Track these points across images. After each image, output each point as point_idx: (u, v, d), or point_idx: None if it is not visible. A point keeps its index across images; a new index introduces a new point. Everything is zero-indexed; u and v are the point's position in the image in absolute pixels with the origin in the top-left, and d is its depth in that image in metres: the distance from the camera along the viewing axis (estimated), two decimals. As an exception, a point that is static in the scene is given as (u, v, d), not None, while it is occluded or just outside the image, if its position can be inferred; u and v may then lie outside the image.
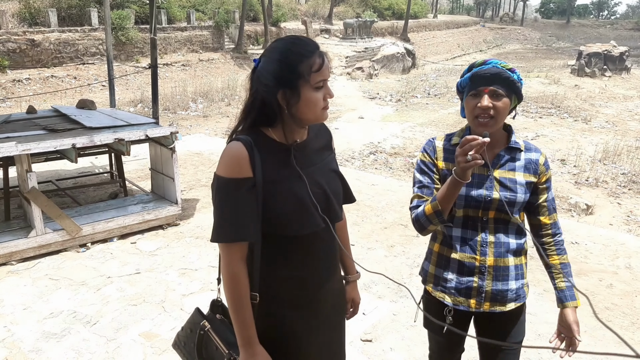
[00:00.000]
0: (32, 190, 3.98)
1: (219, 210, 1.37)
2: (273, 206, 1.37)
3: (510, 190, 1.68)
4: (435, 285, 1.80)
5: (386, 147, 10.02)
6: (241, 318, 1.38)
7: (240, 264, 1.39)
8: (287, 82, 1.34)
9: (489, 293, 1.71)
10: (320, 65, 1.35)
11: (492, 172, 1.69)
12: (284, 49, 1.37)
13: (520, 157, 1.72)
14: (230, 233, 1.36)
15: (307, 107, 1.36)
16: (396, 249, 4.36)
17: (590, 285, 3.82)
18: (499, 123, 1.65)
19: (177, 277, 3.79)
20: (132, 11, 17.69)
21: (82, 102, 5.54)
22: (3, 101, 12.32)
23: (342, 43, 24.93)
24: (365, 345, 3.03)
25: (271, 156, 1.39)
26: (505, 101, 1.62)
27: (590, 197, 7.64)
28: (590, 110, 14.84)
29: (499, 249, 1.70)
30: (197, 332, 1.53)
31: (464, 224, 1.72)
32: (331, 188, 1.50)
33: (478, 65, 1.66)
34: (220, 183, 1.36)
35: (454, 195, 1.59)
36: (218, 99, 14.73)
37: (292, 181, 1.40)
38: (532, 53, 35.20)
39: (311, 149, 1.50)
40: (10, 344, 2.98)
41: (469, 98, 1.66)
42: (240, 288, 1.38)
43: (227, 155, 1.37)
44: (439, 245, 1.80)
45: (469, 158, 1.48)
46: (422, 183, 1.76)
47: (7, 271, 3.84)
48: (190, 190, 5.76)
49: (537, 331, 3.22)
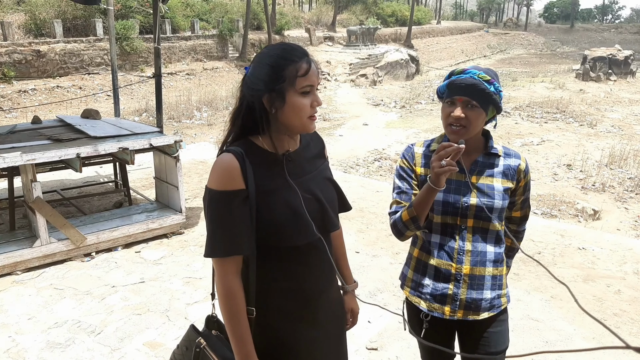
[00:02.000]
0: (37, 200, 3.99)
1: (212, 224, 1.35)
2: (267, 217, 1.35)
3: (487, 196, 1.68)
4: (413, 289, 1.81)
5: (391, 153, 10.01)
6: (238, 334, 1.35)
7: (236, 278, 1.36)
8: (271, 85, 1.33)
9: (462, 301, 1.71)
10: (307, 70, 1.34)
11: (470, 178, 1.70)
12: (272, 54, 1.37)
13: (498, 163, 1.73)
14: (224, 247, 1.33)
15: (292, 112, 1.35)
16: (401, 256, 4.33)
17: (598, 292, 3.78)
18: (471, 133, 1.65)
19: (181, 286, 3.78)
20: (136, 21, 17.86)
21: (87, 111, 5.57)
22: (9, 112, 12.42)
23: (346, 50, 25.02)
24: (371, 354, 3.00)
25: (263, 166, 1.37)
26: (478, 111, 1.62)
27: (597, 202, 7.59)
28: (595, 115, 14.77)
29: (475, 257, 1.70)
30: (192, 350, 1.49)
31: (442, 231, 1.72)
32: (326, 197, 1.48)
33: (457, 73, 1.66)
34: (212, 196, 1.34)
35: (429, 201, 1.61)
36: (222, 107, 14.80)
37: (286, 191, 1.38)
38: (537, 58, 35.16)
39: (304, 158, 1.48)
40: (15, 354, 2.97)
41: (444, 105, 1.68)
42: (237, 303, 1.35)
43: (219, 168, 1.34)
44: (418, 251, 1.81)
45: (443, 164, 1.50)
46: (400, 189, 1.78)
47: (12, 281, 3.85)
48: (194, 199, 5.76)
49: (545, 338, 3.18)
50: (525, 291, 3.75)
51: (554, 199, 7.77)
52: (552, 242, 4.67)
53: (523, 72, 25.66)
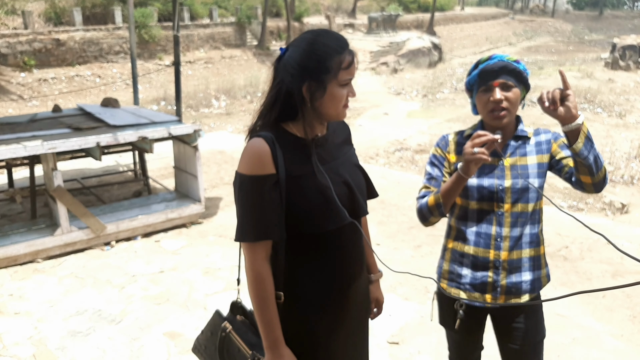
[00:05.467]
0: (57, 189, 4.01)
1: (243, 209, 1.35)
2: (297, 202, 1.34)
3: (522, 176, 1.68)
4: (450, 281, 1.80)
5: (412, 144, 9.85)
6: (267, 319, 1.34)
7: (265, 263, 1.36)
8: (314, 75, 1.31)
9: (504, 287, 1.70)
10: (350, 63, 1.34)
11: (504, 160, 1.70)
12: (314, 40, 1.33)
13: (529, 142, 1.73)
14: (254, 232, 1.33)
15: (331, 102, 1.34)
16: (423, 249, 4.24)
17: (627, 288, 3.65)
18: (513, 114, 1.68)
19: (200, 276, 3.77)
20: (155, 9, 17.88)
21: (106, 100, 5.58)
22: (29, 100, 12.60)
23: (367, 38, 24.69)
24: (392, 348, 2.94)
25: (293, 152, 1.36)
26: (515, 91, 1.65)
27: (626, 195, 7.35)
28: (625, 105, 14.30)
29: (513, 242, 1.68)
30: (218, 335, 1.50)
31: (479, 218, 1.71)
32: (355, 182, 1.47)
33: (484, 61, 1.69)
34: (242, 181, 1.34)
35: (457, 189, 1.63)
36: (241, 96, 14.76)
37: (315, 176, 1.36)
38: (564, 46, 34.23)
39: (332, 144, 1.47)
40: (37, 341, 3.00)
41: (480, 94, 1.69)
42: (266, 288, 1.35)
43: (249, 152, 1.34)
44: (452, 241, 1.80)
45: (475, 151, 1.51)
46: (430, 175, 1.79)
47: (33, 269, 3.89)
48: (213, 189, 5.75)
49: (571, 335, 3.08)
50: (551, 286, 3.63)
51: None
52: (580, 236, 4.53)
53: (550, 61, 25.01)
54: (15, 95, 12.75)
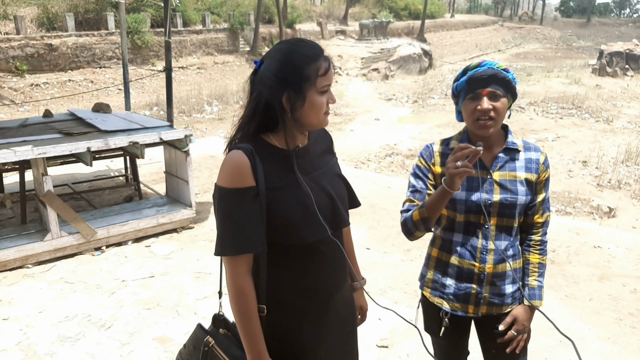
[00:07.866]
0: (47, 194, 4.00)
1: (222, 222, 1.33)
2: (278, 214, 1.33)
3: (510, 192, 1.67)
4: (434, 290, 1.80)
5: (403, 149, 9.92)
6: (250, 332, 1.33)
7: (247, 276, 1.34)
8: (293, 85, 1.30)
9: (486, 299, 1.71)
10: (327, 70, 1.33)
11: (492, 174, 1.68)
12: (290, 50, 1.33)
13: (519, 157, 1.71)
14: (235, 245, 1.31)
15: (311, 111, 1.34)
16: (413, 253, 4.28)
17: (614, 291, 3.70)
18: (499, 124, 1.65)
19: (191, 281, 3.77)
20: (147, 15, 17.86)
21: (98, 105, 5.58)
22: (21, 105, 12.53)
23: (358, 44, 24.82)
24: (382, 352, 2.96)
25: (273, 163, 1.35)
26: (503, 101, 1.63)
27: (613, 199, 7.45)
28: (612, 111, 14.51)
29: (498, 255, 1.69)
30: (200, 349, 1.47)
31: (465, 230, 1.70)
32: (337, 192, 1.46)
33: (473, 67, 1.65)
34: (222, 194, 1.32)
35: (441, 204, 1.60)
36: (233, 101, 14.78)
37: (296, 188, 1.36)
38: (552, 52, 34.62)
39: (313, 154, 1.46)
40: (26, 347, 2.99)
41: (466, 101, 1.65)
42: (248, 301, 1.33)
43: (228, 165, 1.32)
44: (438, 250, 1.79)
45: (458, 164, 1.47)
46: (415, 188, 1.76)
47: (23, 274, 3.86)
48: (204, 194, 5.75)
49: (560, 338, 3.11)
50: (539, 290, 3.68)
51: (569, 196, 7.65)
52: (567, 240, 4.58)
53: (538, 67, 25.30)
54: (7, 100, 12.67)
